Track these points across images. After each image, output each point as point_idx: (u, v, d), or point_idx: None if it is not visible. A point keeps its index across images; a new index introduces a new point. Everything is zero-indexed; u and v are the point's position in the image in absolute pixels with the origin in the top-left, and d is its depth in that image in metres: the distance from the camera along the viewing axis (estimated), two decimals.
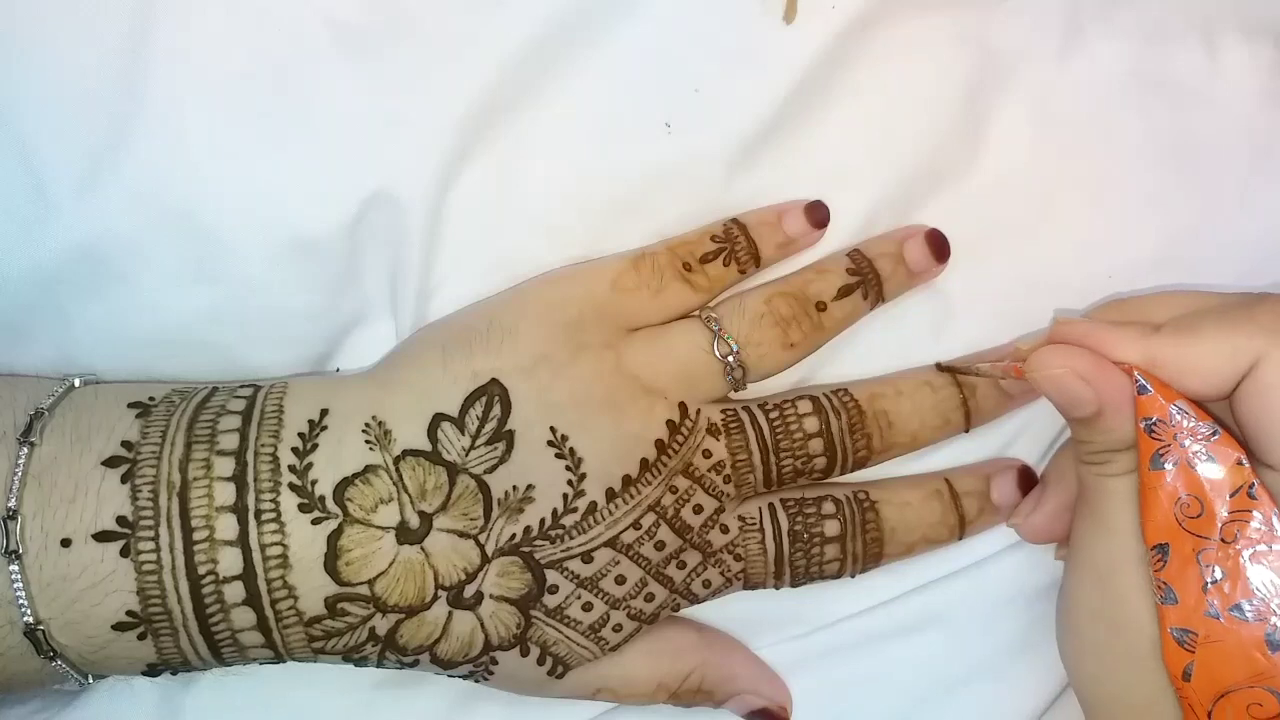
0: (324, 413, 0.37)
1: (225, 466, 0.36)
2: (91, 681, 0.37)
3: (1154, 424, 0.34)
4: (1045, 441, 0.44)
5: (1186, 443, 0.34)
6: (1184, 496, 0.34)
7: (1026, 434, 0.44)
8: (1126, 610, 0.35)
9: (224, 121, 0.39)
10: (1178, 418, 0.34)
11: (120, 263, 0.39)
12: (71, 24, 0.38)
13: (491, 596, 0.37)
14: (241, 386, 0.38)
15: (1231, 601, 0.33)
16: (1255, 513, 0.33)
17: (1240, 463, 0.34)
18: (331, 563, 0.35)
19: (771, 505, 0.40)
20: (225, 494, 0.35)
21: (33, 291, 0.39)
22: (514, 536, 0.37)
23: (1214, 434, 0.34)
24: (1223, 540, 0.33)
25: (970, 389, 0.42)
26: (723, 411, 0.40)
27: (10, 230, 0.38)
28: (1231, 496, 0.34)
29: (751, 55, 0.41)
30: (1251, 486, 0.34)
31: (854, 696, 0.44)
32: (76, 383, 0.38)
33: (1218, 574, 0.33)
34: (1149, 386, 0.34)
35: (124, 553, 0.35)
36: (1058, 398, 0.36)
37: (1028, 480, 0.42)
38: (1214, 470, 0.34)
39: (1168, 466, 0.34)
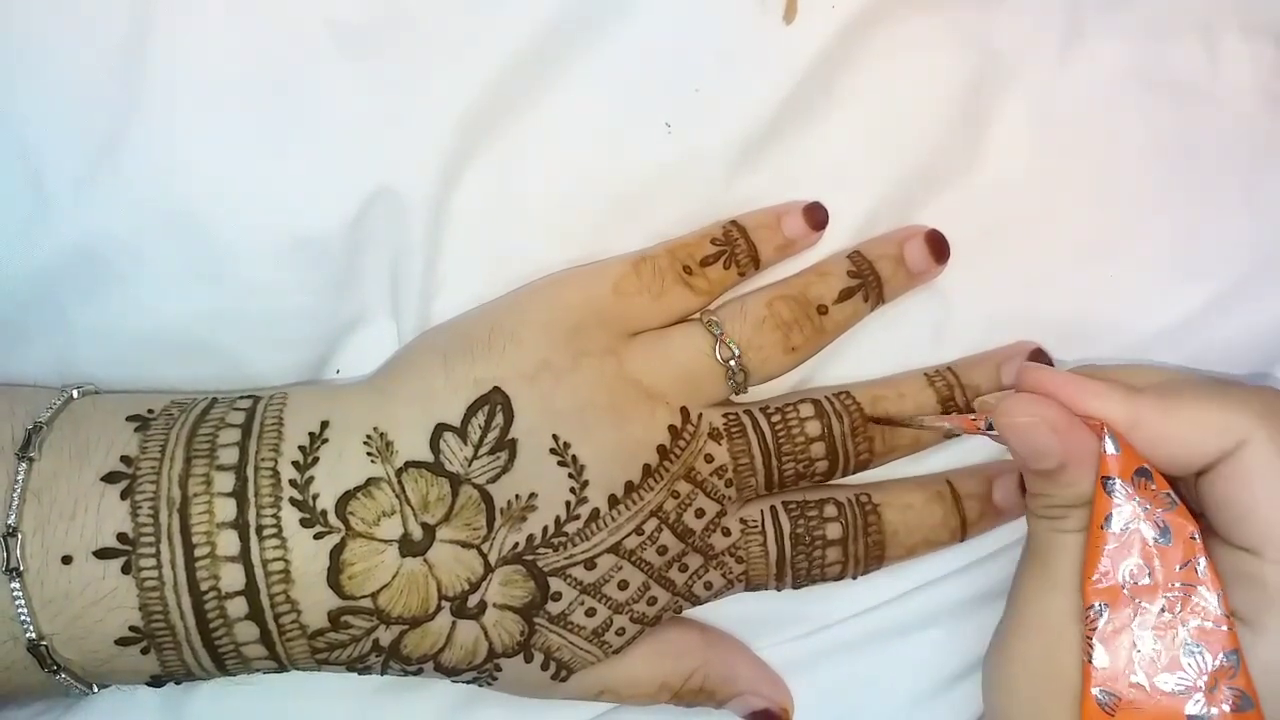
0: (324, 425, 0.37)
1: (225, 482, 0.35)
2: (96, 691, 0.37)
3: (1114, 484, 0.34)
4: None
5: (1145, 508, 0.34)
6: (1132, 562, 0.33)
7: None
8: (1061, 667, 0.34)
9: (224, 121, 0.38)
10: (1140, 482, 0.34)
11: (119, 263, 0.39)
12: (71, 24, 0.37)
13: (495, 605, 0.37)
14: (240, 398, 0.38)
15: (1159, 671, 0.33)
16: (1200, 589, 0.33)
17: (1193, 537, 0.33)
18: (334, 577, 0.35)
19: (773, 508, 0.40)
20: (226, 510, 0.35)
21: (32, 291, 0.39)
22: (517, 545, 0.37)
23: (1173, 504, 0.34)
24: (1163, 611, 0.33)
25: (973, 390, 0.42)
26: (724, 415, 0.40)
27: (9, 230, 0.38)
28: (1180, 569, 0.33)
29: (751, 55, 0.41)
30: (1199, 563, 0.33)
31: (855, 696, 0.44)
32: (75, 394, 0.38)
33: (1152, 643, 0.33)
34: (1116, 446, 0.34)
35: (125, 569, 0.34)
36: (1022, 448, 0.35)
37: None
38: (1166, 540, 0.33)
39: (1120, 529, 0.33)
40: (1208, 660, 0.33)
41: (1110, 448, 0.34)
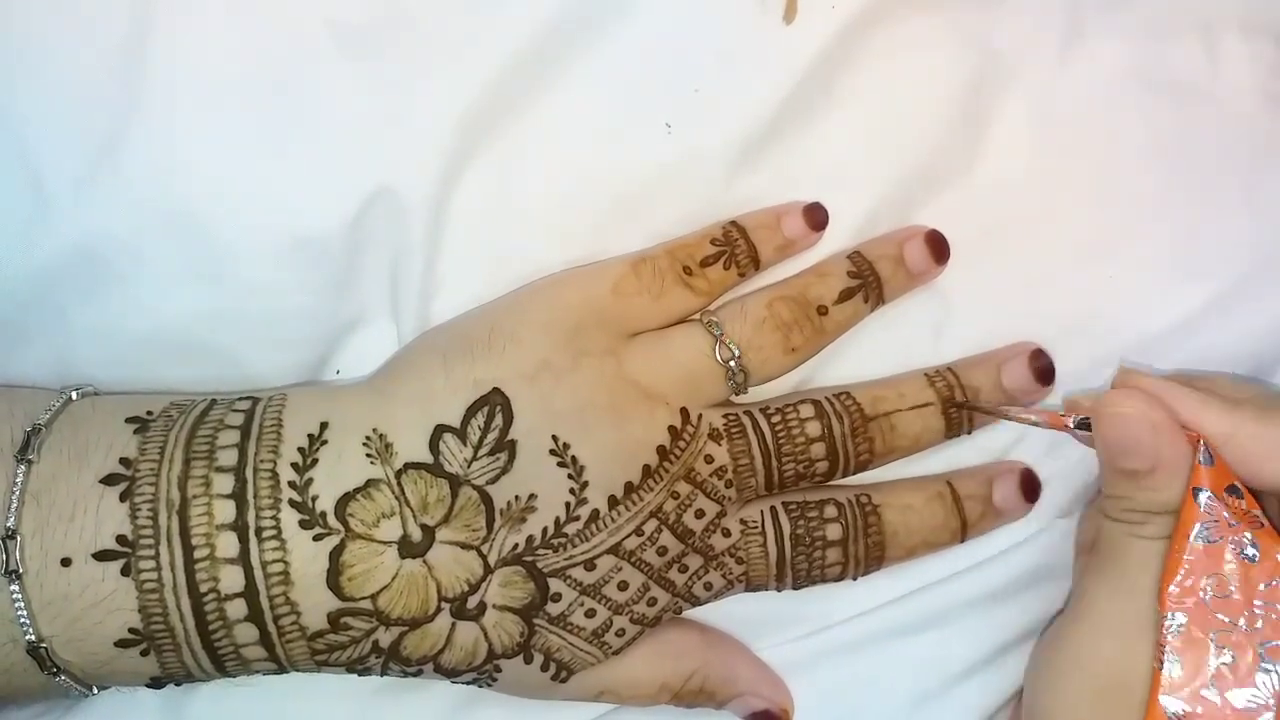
0: (324, 426, 0.37)
1: (224, 483, 0.35)
2: (96, 692, 0.37)
3: (1205, 496, 0.34)
4: (1047, 443, 0.43)
5: (1233, 524, 0.34)
6: (1215, 576, 0.33)
7: (1030, 436, 0.43)
8: (1126, 674, 0.34)
9: (223, 121, 0.38)
10: (1231, 498, 0.34)
11: (119, 263, 0.39)
12: (71, 24, 0.37)
13: (495, 606, 0.37)
14: (240, 399, 0.38)
15: (1230, 687, 0.33)
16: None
17: (1279, 558, 0.34)
18: (334, 578, 0.35)
19: (774, 508, 0.40)
20: (225, 512, 0.35)
21: (31, 291, 0.39)
22: (516, 546, 0.37)
23: (1261, 524, 0.34)
24: (1241, 627, 0.33)
25: (974, 391, 0.42)
26: (724, 416, 0.40)
27: (9, 230, 0.38)
28: (1263, 588, 0.33)
29: (751, 55, 0.41)
30: None
31: (855, 697, 0.44)
32: (74, 395, 0.38)
33: (1229, 658, 0.33)
34: (1212, 459, 0.34)
35: (125, 572, 0.34)
36: (1119, 442, 0.35)
37: (1030, 483, 0.43)
38: (1252, 558, 0.33)
39: (1209, 542, 0.34)
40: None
41: (1204, 459, 0.34)
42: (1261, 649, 0.33)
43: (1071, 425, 0.36)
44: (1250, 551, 0.33)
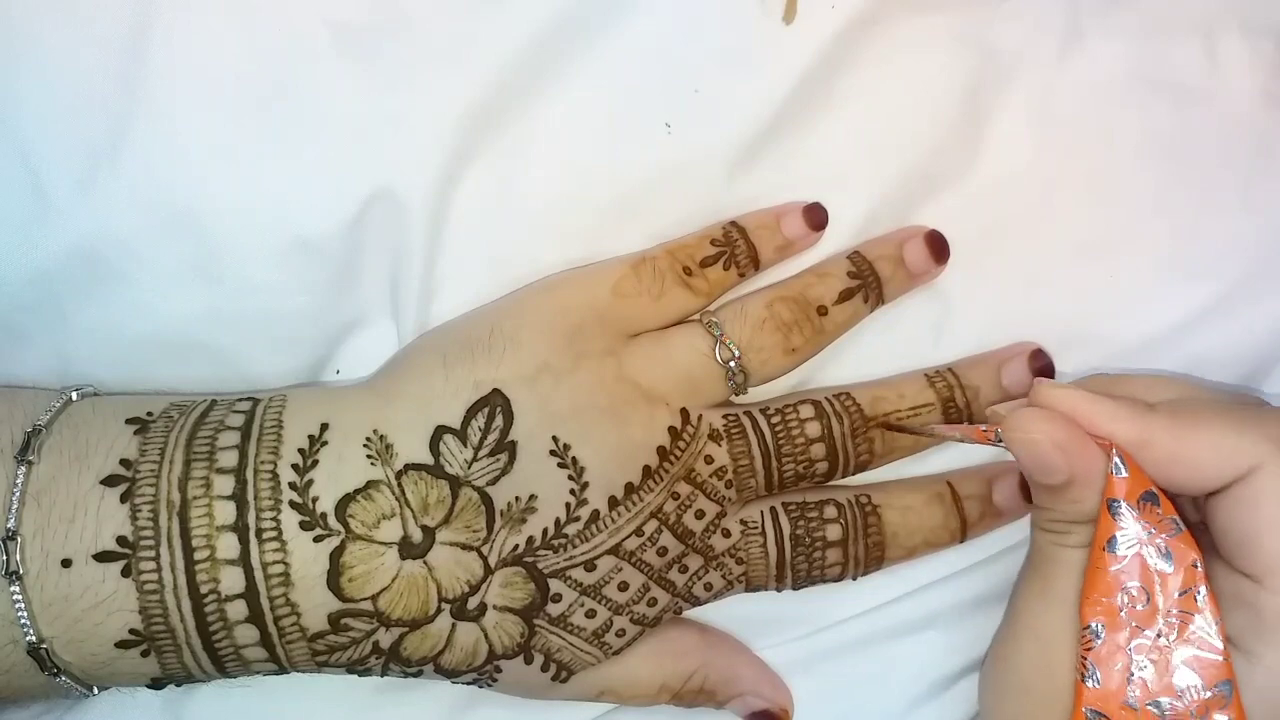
0: (324, 427, 0.37)
1: (225, 485, 0.35)
2: (96, 693, 0.37)
3: (1120, 507, 0.33)
4: None
5: (1149, 533, 0.33)
6: (1132, 585, 0.33)
7: None
8: (1054, 680, 0.34)
9: (223, 122, 0.38)
10: (1146, 506, 0.34)
11: (119, 263, 0.39)
12: (71, 24, 0.37)
13: (495, 607, 0.37)
14: (240, 400, 0.38)
15: (1152, 696, 0.33)
16: (1198, 617, 0.33)
17: (1195, 565, 0.33)
18: (334, 580, 0.35)
19: (773, 509, 0.40)
20: (225, 513, 0.35)
21: (31, 292, 0.39)
22: (517, 547, 0.37)
23: (1177, 530, 0.33)
24: (1159, 636, 0.33)
25: (974, 391, 0.42)
26: (724, 417, 0.40)
27: (9, 230, 0.38)
28: (1179, 595, 0.33)
29: (751, 55, 0.41)
30: (1200, 591, 0.33)
31: (855, 697, 0.44)
32: (74, 396, 0.38)
33: (1146, 667, 0.33)
34: (1124, 469, 0.34)
35: (125, 573, 0.34)
36: (1030, 462, 0.35)
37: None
38: (1168, 566, 0.33)
39: (1123, 552, 0.33)
40: (1200, 689, 0.33)
41: (1118, 470, 0.34)
42: (1179, 657, 0.33)
43: (994, 440, 0.36)
44: (1165, 560, 0.33)
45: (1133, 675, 0.33)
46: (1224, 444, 0.33)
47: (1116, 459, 0.34)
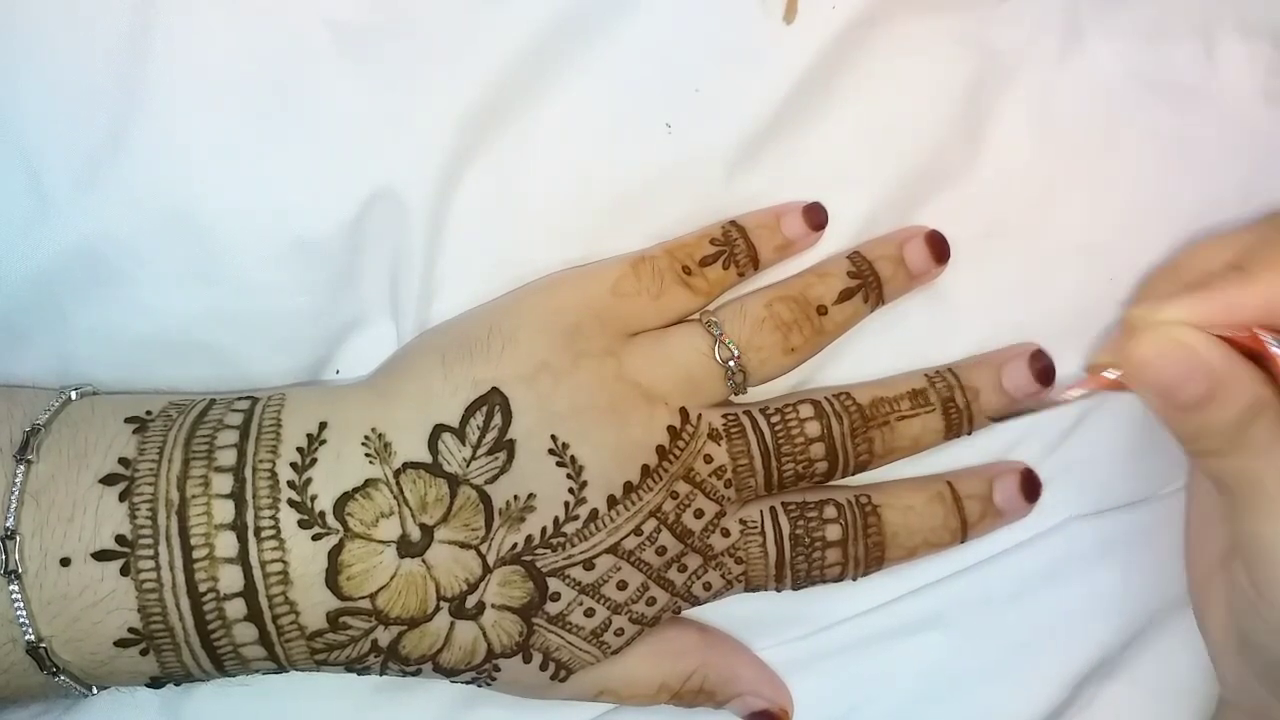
0: (322, 426, 0.37)
1: (223, 483, 0.35)
2: (95, 692, 0.37)
3: None
4: (1049, 443, 0.44)
5: None
6: None
7: (1030, 436, 0.44)
8: None
9: (223, 121, 0.38)
10: None
11: (119, 263, 0.39)
12: (71, 24, 0.37)
13: (493, 606, 0.37)
14: (239, 399, 0.38)
15: None
16: None
17: None
18: (333, 578, 0.35)
19: (773, 509, 0.40)
20: (224, 511, 0.35)
21: (31, 292, 0.39)
22: (515, 546, 0.37)
23: None
24: None
25: (974, 391, 0.42)
26: (724, 416, 0.40)
27: (9, 230, 0.38)
28: None
29: (751, 55, 0.41)
30: None
31: (855, 698, 0.44)
32: (73, 395, 0.38)
33: None
34: (1275, 342, 0.31)
35: (124, 571, 0.34)
36: (1164, 379, 0.32)
37: (1030, 483, 0.43)
38: None
39: None
40: None
41: (1274, 345, 0.31)
42: None
43: (1110, 381, 0.34)
44: None
45: None
46: None
47: (1267, 338, 0.31)
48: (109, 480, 0.35)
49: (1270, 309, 0.32)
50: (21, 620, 0.34)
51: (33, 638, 0.34)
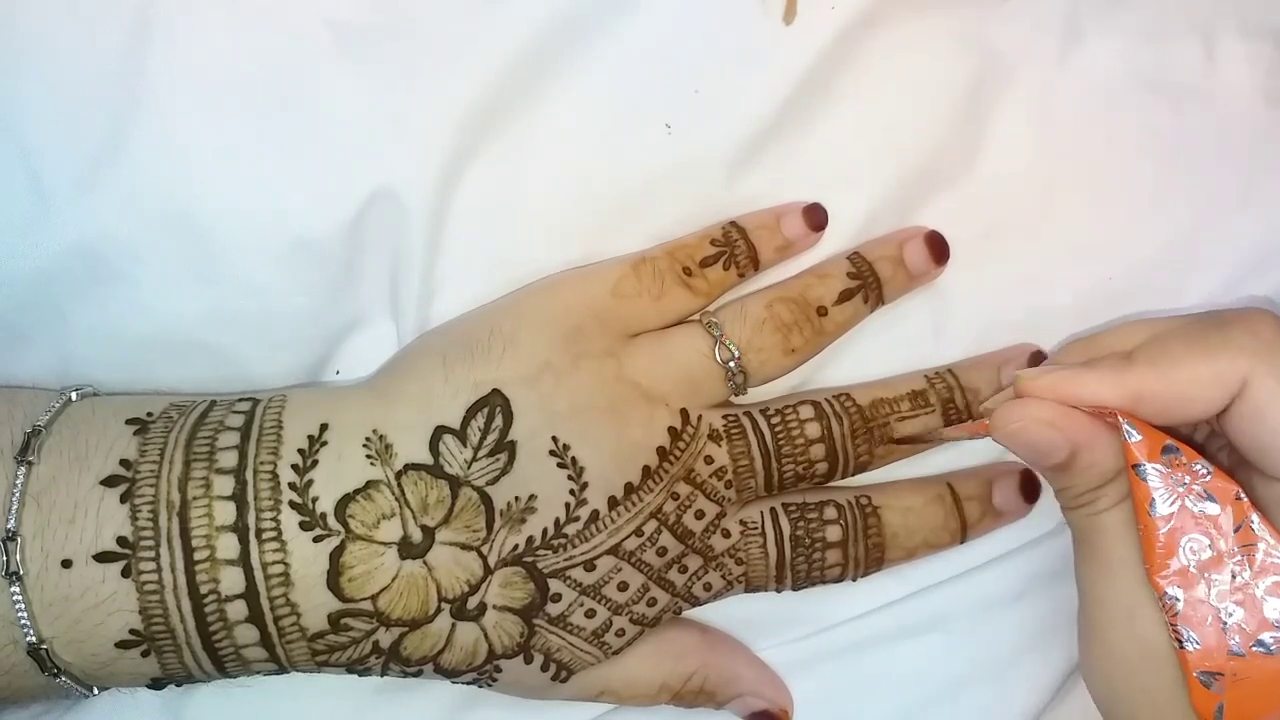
0: (323, 427, 0.37)
1: (225, 485, 0.35)
2: (96, 693, 0.37)
3: (1146, 469, 0.33)
4: None
5: (1184, 484, 0.33)
6: (1188, 539, 0.33)
7: None
8: (1150, 645, 0.34)
9: (223, 122, 0.38)
10: (1170, 459, 0.33)
11: (119, 263, 0.38)
12: (71, 24, 0.37)
13: (494, 607, 0.37)
14: (240, 400, 0.38)
15: (1252, 637, 0.33)
16: (1259, 544, 0.33)
17: (1239, 497, 0.33)
18: (334, 580, 0.35)
19: (773, 510, 0.40)
20: (225, 513, 0.35)
21: (31, 292, 0.39)
22: (516, 547, 0.37)
23: (1208, 473, 0.33)
24: (1234, 577, 0.33)
25: (973, 392, 0.42)
26: (724, 417, 0.40)
27: (9, 230, 0.38)
28: (1235, 532, 0.33)
29: (751, 56, 0.41)
30: (1253, 519, 0.33)
31: (855, 698, 0.44)
32: (73, 396, 0.38)
33: (1235, 611, 0.33)
34: (1136, 431, 0.34)
35: (125, 573, 0.34)
36: (1027, 451, 0.35)
37: (1030, 484, 0.43)
38: (1214, 508, 0.33)
39: (1166, 511, 0.33)
40: None
41: (1130, 435, 0.34)
42: (1260, 589, 0.33)
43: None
44: (1209, 503, 0.33)
45: (1226, 624, 0.33)
46: (1206, 373, 0.33)
47: (1125, 425, 0.34)
48: (110, 482, 0.35)
49: (1137, 398, 0.34)
50: (23, 622, 0.34)
51: (34, 639, 0.34)
